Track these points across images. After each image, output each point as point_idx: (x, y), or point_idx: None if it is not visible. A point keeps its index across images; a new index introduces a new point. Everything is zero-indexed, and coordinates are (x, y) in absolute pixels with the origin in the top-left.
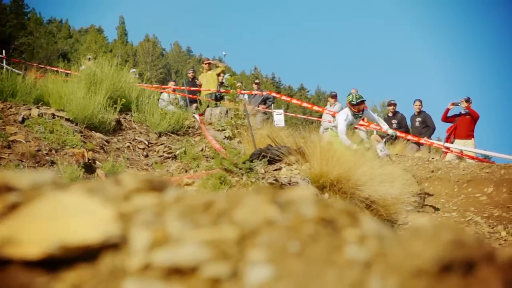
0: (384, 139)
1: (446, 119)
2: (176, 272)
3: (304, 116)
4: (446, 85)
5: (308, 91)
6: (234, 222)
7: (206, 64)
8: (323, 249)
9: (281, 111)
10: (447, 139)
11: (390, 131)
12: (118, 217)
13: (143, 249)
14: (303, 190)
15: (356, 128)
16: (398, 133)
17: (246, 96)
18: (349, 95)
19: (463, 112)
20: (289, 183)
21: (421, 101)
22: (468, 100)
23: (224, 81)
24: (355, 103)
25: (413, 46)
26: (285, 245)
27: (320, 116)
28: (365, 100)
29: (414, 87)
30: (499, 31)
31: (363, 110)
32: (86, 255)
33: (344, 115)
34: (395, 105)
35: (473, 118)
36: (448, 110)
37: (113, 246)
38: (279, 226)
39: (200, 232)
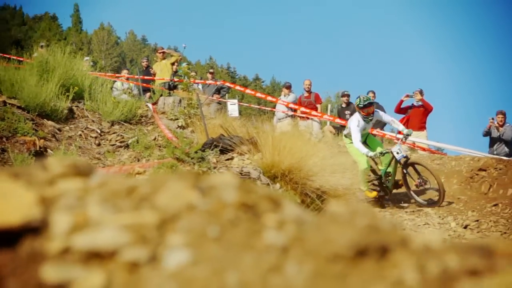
0: (400, 140)
1: (399, 110)
2: (96, 256)
3: (259, 107)
4: (399, 76)
5: (263, 82)
6: (156, 207)
7: (160, 53)
8: (243, 233)
9: (235, 101)
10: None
11: (406, 131)
12: (40, 201)
13: (63, 233)
14: (226, 175)
15: (308, 118)
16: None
17: (200, 86)
18: (357, 98)
19: (415, 104)
20: (240, 173)
21: (374, 92)
22: (421, 92)
23: (178, 70)
24: (362, 106)
25: (367, 37)
26: (204, 229)
27: (274, 107)
28: (373, 103)
29: (368, 78)
30: (451, 23)
31: (373, 113)
32: (6, 238)
33: (356, 121)
34: (348, 96)
35: (427, 110)
36: (402, 101)
37: (33, 230)
38: (200, 211)
39: (121, 216)
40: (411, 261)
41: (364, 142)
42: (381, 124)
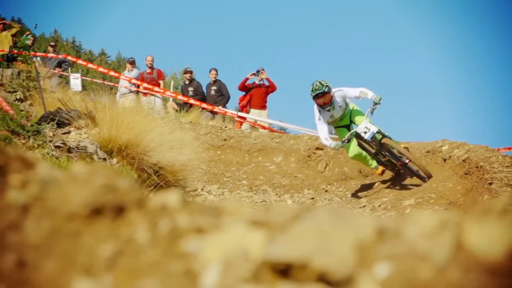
0: (368, 111)
1: (243, 88)
2: None
3: (102, 81)
4: (242, 55)
5: (108, 57)
6: None
7: (0, 24)
8: None
9: (78, 75)
10: (243, 109)
11: (374, 98)
12: None
13: None
14: None
15: (146, 94)
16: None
17: (38, 58)
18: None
19: (257, 82)
20: (77, 147)
21: (216, 70)
22: (263, 71)
23: (18, 43)
24: (312, 97)
25: (209, 15)
26: None
27: (118, 82)
28: (325, 92)
29: (211, 55)
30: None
31: (330, 101)
32: None
33: (316, 115)
34: (191, 72)
35: (271, 89)
36: (247, 79)
37: None
38: None
39: None
40: (145, 220)
41: (352, 122)
42: (224, 101)
